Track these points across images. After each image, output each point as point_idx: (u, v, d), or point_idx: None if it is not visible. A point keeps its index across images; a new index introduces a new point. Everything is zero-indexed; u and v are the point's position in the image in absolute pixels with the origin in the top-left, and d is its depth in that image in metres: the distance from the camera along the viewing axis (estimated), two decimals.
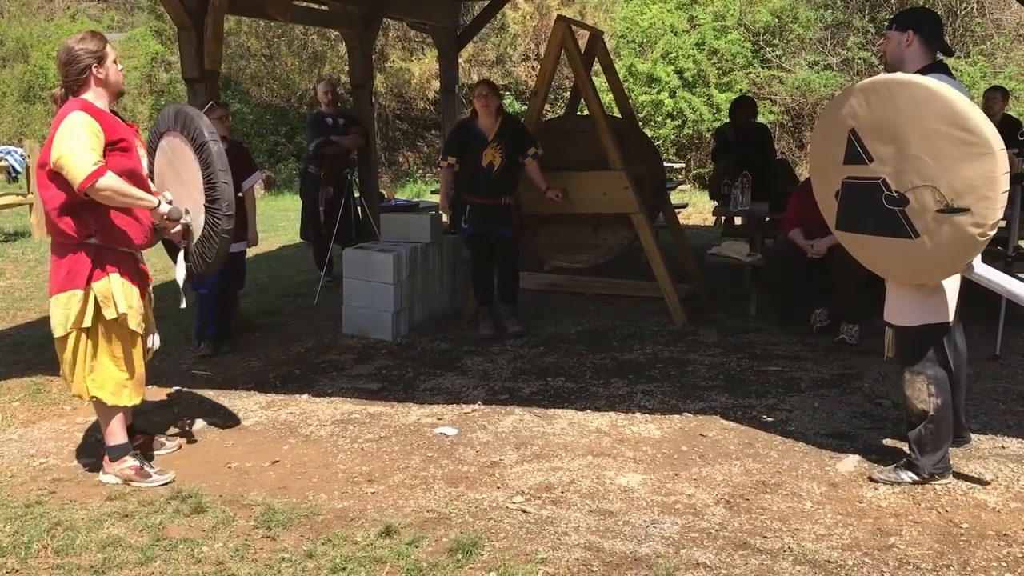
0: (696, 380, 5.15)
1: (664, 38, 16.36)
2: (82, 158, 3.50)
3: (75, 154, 3.50)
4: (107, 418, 3.87)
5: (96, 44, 3.71)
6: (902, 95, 3.40)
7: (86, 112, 3.60)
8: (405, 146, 18.15)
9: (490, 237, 6.18)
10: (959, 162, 3.28)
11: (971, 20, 15.63)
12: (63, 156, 3.51)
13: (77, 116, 3.57)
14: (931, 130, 3.33)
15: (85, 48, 3.67)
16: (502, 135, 6.05)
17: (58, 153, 3.52)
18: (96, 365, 3.76)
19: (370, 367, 5.58)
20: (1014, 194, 5.53)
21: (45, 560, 3.21)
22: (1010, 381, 4.94)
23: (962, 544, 3.18)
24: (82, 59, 3.65)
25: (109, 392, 3.78)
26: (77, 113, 3.58)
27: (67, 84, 3.70)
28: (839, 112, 3.60)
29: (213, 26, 5.96)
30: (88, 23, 19.73)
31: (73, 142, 3.51)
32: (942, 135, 3.31)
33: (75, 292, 3.68)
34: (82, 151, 3.50)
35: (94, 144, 3.55)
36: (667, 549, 3.20)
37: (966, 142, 3.26)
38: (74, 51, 3.66)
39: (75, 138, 3.52)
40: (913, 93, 3.38)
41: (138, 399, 3.90)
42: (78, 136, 3.52)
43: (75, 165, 3.49)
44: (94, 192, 3.53)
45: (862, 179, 3.57)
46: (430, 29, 10.06)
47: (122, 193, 3.60)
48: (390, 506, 3.60)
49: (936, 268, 3.49)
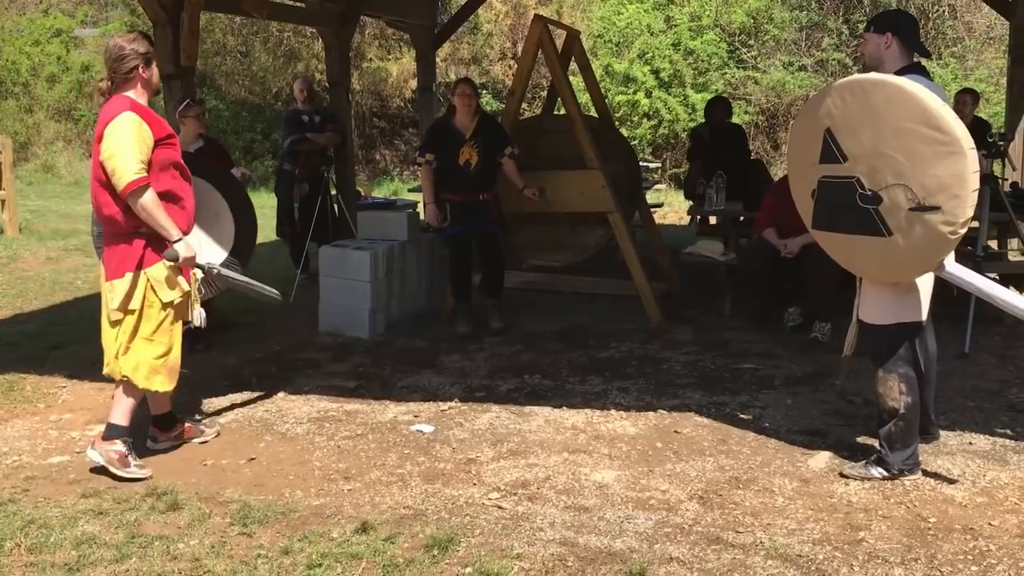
0: (671, 378, 5.19)
1: (641, 38, 16.45)
2: (128, 163, 3.67)
3: (122, 157, 3.67)
4: (124, 398, 3.93)
5: (146, 46, 3.90)
6: (877, 94, 3.45)
7: (135, 112, 3.77)
8: (382, 144, 18.12)
9: (471, 234, 6.18)
10: (931, 160, 3.34)
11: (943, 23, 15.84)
12: (112, 156, 3.69)
13: (128, 118, 3.73)
14: (904, 129, 3.38)
15: (136, 48, 3.84)
16: (479, 133, 6.07)
17: (108, 152, 3.70)
18: (132, 347, 3.86)
19: (347, 365, 5.58)
20: (983, 194, 5.62)
21: (19, 558, 3.19)
22: (978, 379, 5.03)
23: (929, 538, 3.24)
24: (132, 58, 3.82)
25: (143, 375, 3.88)
26: (128, 114, 3.74)
27: (114, 79, 3.85)
28: (816, 111, 3.65)
29: (189, 22, 5.95)
30: (61, 18, 19.49)
31: (122, 144, 3.69)
32: (915, 134, 3.36)
33: (130, 275, 3.80)
34: (129, 155, 3.68)
35: (141, 149, 3.73)
36: (641, 544, 3.23)
37: (938, 141, 3.32)
38: (126, 50, 3.82)
39: (124, 141, 3.69)
40: (887, 93, 3.44)
41: (171, 386, 4.01)
42: (127, 139, 3.70)
43: (121, 168, 3.67)
44: (131, 200, 3.71)
45: (837, 178, 3.62)
46: (407, 27, 10.06)
47: (152, 215, 3.76)
48: (366, 503, 3.61)
49: (909, 266, 3.55)
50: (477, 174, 6.07)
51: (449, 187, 6.11)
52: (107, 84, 3.88)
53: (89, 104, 17.88)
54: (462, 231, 6.16)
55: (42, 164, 16.83)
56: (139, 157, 3.71)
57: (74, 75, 18.11)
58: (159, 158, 3.82)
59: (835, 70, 15.84)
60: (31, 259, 9.22)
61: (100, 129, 3.78)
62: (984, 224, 5.66)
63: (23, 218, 11.04)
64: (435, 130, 6.33)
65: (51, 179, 16.39)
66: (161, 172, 3.84)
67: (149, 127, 3.79)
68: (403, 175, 17.33)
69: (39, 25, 18.84)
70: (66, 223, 11.35)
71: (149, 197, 3.73)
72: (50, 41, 18.54)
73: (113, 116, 3.74)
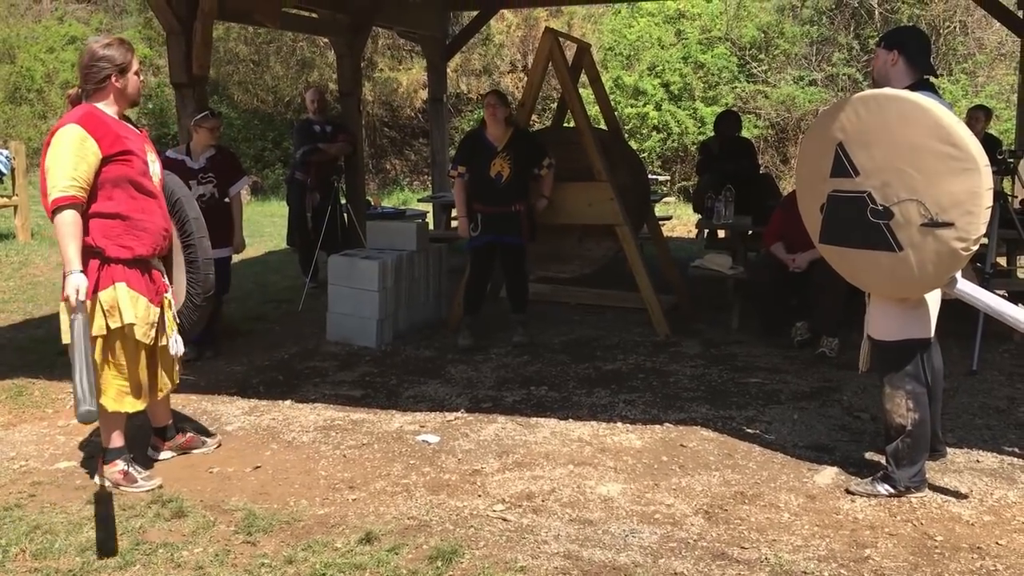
0: (677, 391, 5.19)
1: (651, 51, 16.48)
2: (57, 180, 3.46)
3: (53, 172, 3.47)
4: (107, 422, 3.86)
5: (122, 54, 3.64)
6: (891, 109, 3.45)
7: (82, 125, 3.53)
8: (392, 154, 18.17)
9: (496, 245, 6.19)
10: (945, 177, 3.34)
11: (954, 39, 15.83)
12: (47, 170, 3.50)
13: (70, 131, 3.50)
14: (918, 145, 3.38)
15: (109, 56, 3.60)
16: (512, 146, 6.07)
17: (46, 166, 3.51)
18: (101, 372, 3.71)
19: (353, 374, 5.59)
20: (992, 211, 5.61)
21: (23, 564, 3.20)
22: (986, 396, 5.00)
23: (936, 557, 3.23)
24: (104, 68, 3.60)
25: (111, 399, 3.76)
26: (72, 127, 3.51)
27: (84, 88, 3.64)
28: (829, 125, 3.64)
29: (202, 31, 5.98)
30: (76, 26, 19.65)
31: (56, 159, 3.47)
32: (929, 150, 3.36)
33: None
34: (60, 171, 3.46)
35: (78, 165, 3.48)
36: (646, 558, 3.22)
37: (952, 157, 3.31)
38: (97, 56, 3.60)
39: (59, 155, 3.47)
40: (902, 108, 3.43)
41: (141, 406, 3.87)
42: (63, 154, 3.47)
43: (50, 183, 3.47)
44: (53, 217, 3.48)
45: (848, 192, 3.61)
46: (419, 38, 10.11)
47: (60, 239, 3.48)
48: (371, 513, 3.61)
49: (919, 282, 3.54)
50: (508, 186, 6.06)
51: (480, 198, 6.13)
52: (76, 92, 3.67)
53: None
54: (490, 241, 6.17)
55: None
56: (72, 174, 3.45)
57: None
58: (110, 175, 3.56)
59: (845, 85, 15.83)
60: (42, 264, 9.27)
61: (48, 139, 3.55)
62: (993, 241, 5.64)
63: (34, 223, 11.11)
64: (467, 142, 6.36)
65: None
66: (114, 189, 3.59)
67: (97, 142, 3.52)
68: (413, 185, 17.38)
69: (54, 32, 18.99)
70: None
71: (66, 219, 3.44)
72: (64, 48, 18.68)
73: (58, 128, 3.52)
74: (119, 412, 3.82)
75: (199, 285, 4.02)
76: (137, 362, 3.78)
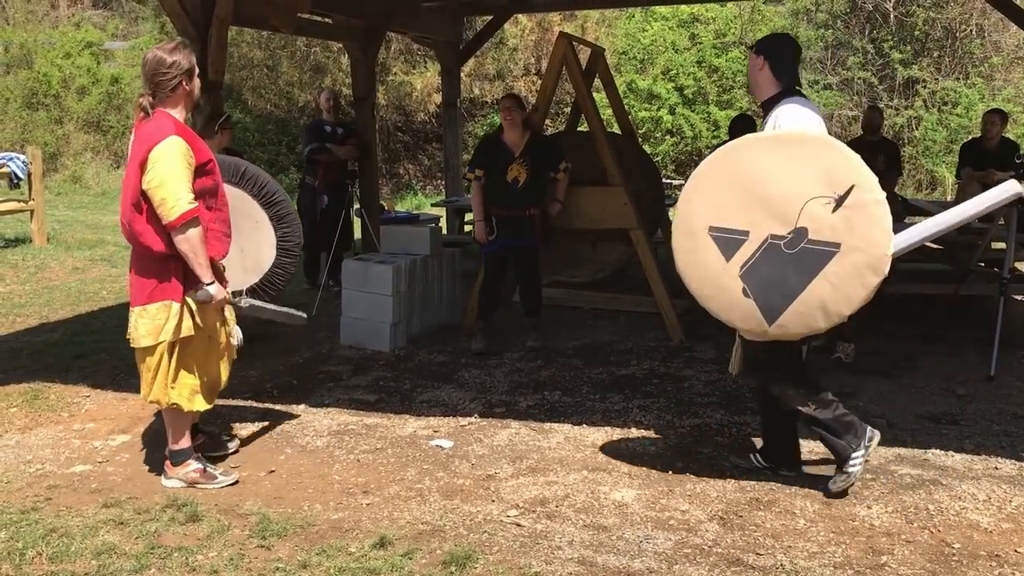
0: (692, 396, 5.16)
1: (665, 55, 16.46)
2: (180, 193, 3.51)
3: (173, 186, 3.50)
4: (177, 423, 3.91)
5: (187, 58, 3.66)
6: (726, 165, 3.54)
7: (181, 136, 3.57)
8: (406, 158, 18.20)
9: (509, 249, 6.19)
10: (806, 162, 3.41)
11: (970, 42, 15.73)
12: (161, 185, 3.50)
13: (175, 144, 3.54)
14: (767, 162, 3.45)
15: (177, 61, 3.61)
16: (529, 151, 6.07)
17: (158, 180, 3.50)
18: (180, 375, 3.81)
19: (367, 378, 5.59)
20: (1010, 216, 5.57)
21: (40, 567, 3.22)
22: (1004, 402, 4.96)
23: (954, 564, 3.20)
24: (174, 74, 3.61)
25: (185, 398, 3.84)
26: (175, 139, 3.54)
27: (156, 95, 3.63)
28: (691, 224, 3.60)
29: (217, 36, 6.00)
30: (92, 32, 19.77)
31: (172, 173, 3.51)
32: (775, 159, 3.44)
33: (169, 303, 3.67)
34: (180, 185, 3.51)
35: (188, 179, 3.56)
36: (660, 565, 3.21)
37: (793, 142, 3.45)
38: (167, 63, 3.60)
39: (174, 169, 3.51)
40: (729, 158, 3.56)
41: (210, 404, 3.97)
42: (177, 167, 3.52)
43: (172, 197, 3.50)
44: (178, 231, 3.55)
45: (756, 253, 3.49)
46: (433, 43, 10.12)
47: (195, 252, 3.60)
48: (385, 518, 3.61)
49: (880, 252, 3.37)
50: (524, 191, 6.07)
51: (496, 202, 6.13)
52: (149, 100, 3.63)
53: (118, 116, 18.13)
54: (504, 244, 6.17)
55: (71, 175, 17.04)
56: (188, 186, 3.54)
57: (104, 87, 18.37)
58: (197, 187, 3.63)
59: (860, 88, 15.77)
60: (58, 269, 9.33)
61: (142, 151, 3.54)
62: (1012, 246, 5.60)
63: (51, 228, 11.18)
64: (484, 146, 6.37)
65: (79, 190, 16.59)
66: (200, 198, 3.67)
67: (192, 152, 3.60)
68: (426, 189, 17.40)
69: (71, 38, 19.11)
70: (93, 233, 11.47)
71: (197, 233, 3.58)
72: (81, 54, 18.82)
73: (158, 139, 3.52)
74: (192, 411, 3.90)
75: (294, 237, 4.48)
76: (210, 360, 3.92)
